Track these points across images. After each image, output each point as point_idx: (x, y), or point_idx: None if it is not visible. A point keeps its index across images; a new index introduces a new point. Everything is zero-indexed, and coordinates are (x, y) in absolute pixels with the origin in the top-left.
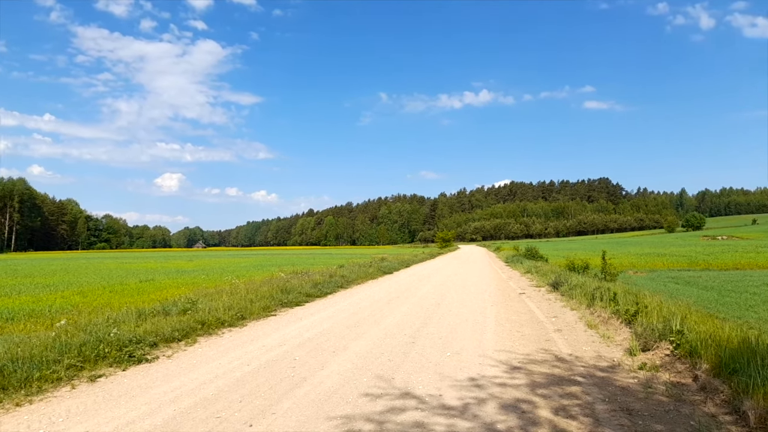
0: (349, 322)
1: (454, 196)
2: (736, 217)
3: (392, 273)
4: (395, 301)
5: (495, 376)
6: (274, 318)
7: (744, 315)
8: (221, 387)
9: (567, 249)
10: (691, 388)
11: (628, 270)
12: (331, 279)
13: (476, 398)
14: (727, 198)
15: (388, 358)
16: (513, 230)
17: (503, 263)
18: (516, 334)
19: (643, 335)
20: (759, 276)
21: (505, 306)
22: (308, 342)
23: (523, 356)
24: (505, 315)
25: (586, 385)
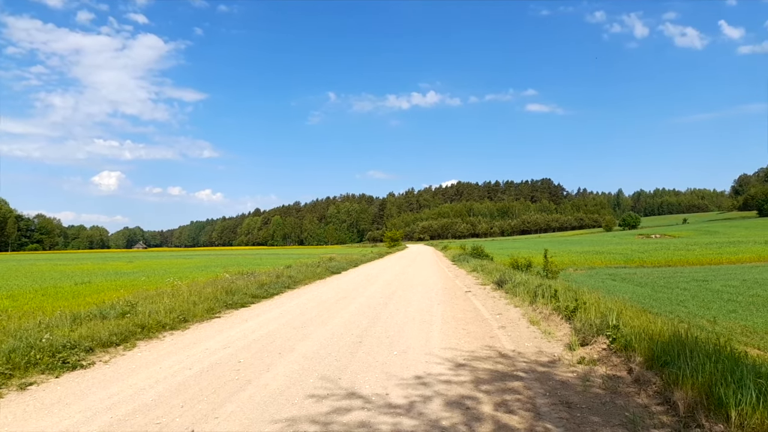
0: (295, 322)
1: (403, 196)
2: (668, 217)
3: (340, 273)
4: (343, 300)
5: (440, 374)
6: (219, 320)
7: (675, 310)
8: (161, 392)
9: (511, 248)
10: (625, 380)
11: (568, 268)
12: (278, 279)
13: (422, 396)
14: (660, 198)
15: (335, 358)
16: (460, 229)
17: (450, 262)
18: (462, 332)
19: (582, 330)
20: (689, 272)
21: (452, 304)
22: (254, 344)
23: (468, 353)
24: (451, 313)
25: (528, 380)
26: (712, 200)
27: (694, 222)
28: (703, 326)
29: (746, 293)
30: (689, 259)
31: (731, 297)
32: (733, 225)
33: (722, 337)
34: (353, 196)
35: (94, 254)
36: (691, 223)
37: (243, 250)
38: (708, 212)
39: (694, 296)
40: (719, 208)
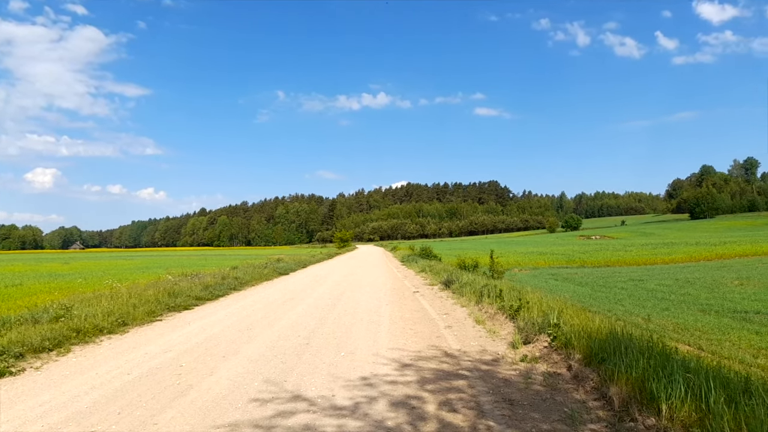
0: (241, 325)
1: (353, 197)
2: (607, 219)
3: (288, 274)
4: (291, 302)
5: (387, 374)
6: (160, 323)
7: (613, 308)
8: (97, 399)
9: (459, 248)
10: (565, 377)
11: (513, 268)
12: (224, 281)
13: (367, 397)
14: (600, 201)
15: (281, 360)
16: (409, 230)
17: (399, 263)
18: (409, 332)
19: (525, 329)
20: (626, 272)
21: (400, 304)
22: (197, 347)
23: (415, 353)
24: (399, 313)
25: (472, 378)
26: (648, 203)
27: (631, 224)
28: (638, 324)
29: (678, 292)
30: (626, 260)
31: (664, 296)
32: (667, 227)
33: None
34: (303, 197)
35: (27, 255)
36: (629, 225)
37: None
38: (644, 215)
39: (630, 295)
40: (655, 210)
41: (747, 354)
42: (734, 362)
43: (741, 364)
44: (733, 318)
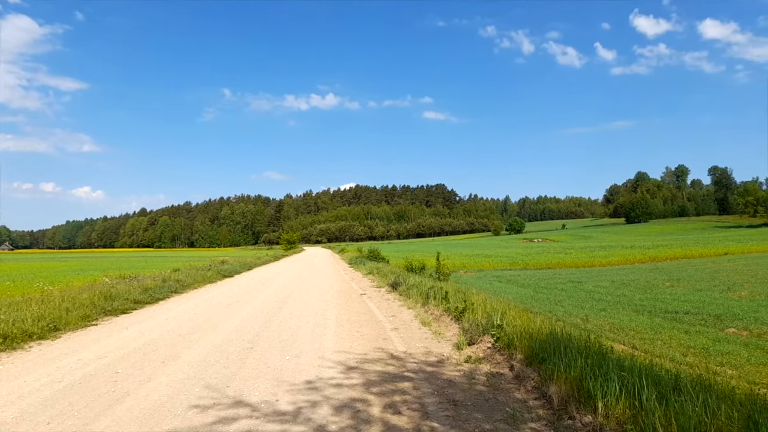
0: (182, 329)
1: (300, 198)
2: (549, 222)
3: (233, 276)
4: (235, 305)
5: (332, 378)
6: (96, 328)
7: (553, 309)
8: (25, 408)
9: (407, 250)
10: (507, 377)
11: (459, 270)
12: (165, 284)
13: (311, 401)
14: (543, 205)
15: (223, 365)
16: (357, 232)
17: (347, 265)
18: (355, 335)
19: (470, 330)
20: (566, 274)
21: (347, 307)
22: (134, 352)
23: (361, 356)
24: (345, 316)
25: (417, 380)
26: (587, 207)
27: (571, 227)
28: (577, 324)
29: (614, 293)
30: (567, 262)
31: (601, 297)
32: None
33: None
34: (249, 197)
35: None
36: (569, 228)
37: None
38: (584, 218)
39: (570, 296)
40: (593, 215)
41: (677, 352)
42: (665, 360)
43: (672, 362)
44: (665, 318)
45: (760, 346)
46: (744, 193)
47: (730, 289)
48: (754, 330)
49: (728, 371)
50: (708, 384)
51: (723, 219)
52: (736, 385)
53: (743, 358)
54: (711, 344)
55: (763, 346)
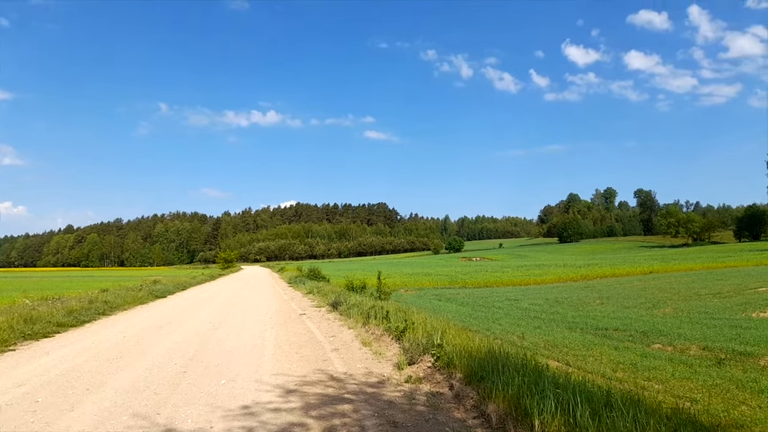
0: (110, 353)
1: (239, 216)
2: (487, 241)
3: (166, 297)
4: (167, 327)
5: (269, 402)
6: (13, 354)
7: (491, 327)
8: None
9: (348, 269)
10: (447, 396)
11: (400, 289)
12: (92, 305)
13: (247, 427)
14: (481, 225)
15: (154, 391)
16: (298, 251)
17: (286, 284)
18: (294, 356)
19: (410, 350)
20: (503, 292)
21: (286, 328)
22: (56, 380)
23: (300, 378)
24: (285, 337)
25: (357, 402)
26: (523, 227)
27: (508, 247)
28: (514, 341)
29: (548, 311)
30: (503, 280)
31: (537, 314)
32: (539, 250)
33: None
34: (184, 215)
35: None
36: (506, 247)
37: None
38: (520, 238)
39: (507, 314)
40: (528, 234)
41: (608, 368)
42: (597, 376)
43: (603, 378)
44: (596, 335)
45: (683, 361)
46: (666, 214)
47: (655, 306)
48: (677, 345)
49: (655, 386)
50: (637, 399)
51: (648, 239)
52: (662, 400)
53: (668, 373)
54: (639, 360)
55: (686, 361)
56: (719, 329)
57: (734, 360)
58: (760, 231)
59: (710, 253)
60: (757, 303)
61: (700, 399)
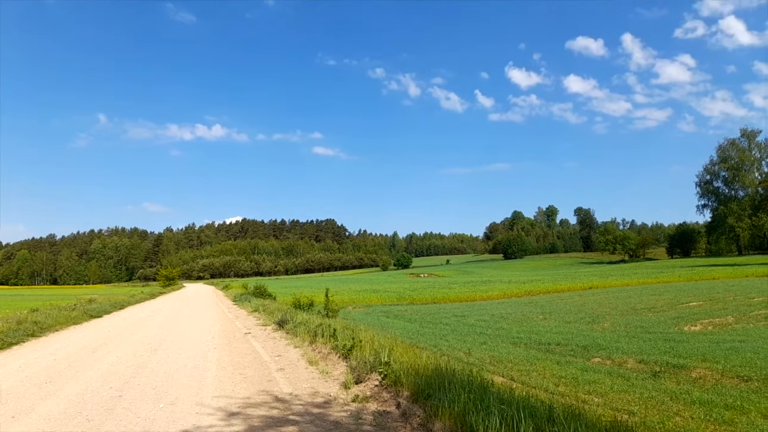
0: (39, 377)
1: (182, 232)
2: (435, 258)
3: (102, 316)
4: (103, 348)
5: (211, 426)
6: None
7: (438, 343)
8: None
9: (295, 286)
10: (394, 415)
11: (348, 306)
12: (20, 326)
13: None
14: (429, 241)
15: (86, 417)
16: (243, 268)
17: (231, 302)
18: (238, 377)
19: (357, 368)
20: (450, 308)
21: (229, 347)
22: None
23: (243, 400)
24: (228, 357)
25: (303, 423)
26: (469, 244)
27: (455, 263)
28: (461, 358)
29: (494, 326)
30: (450, 297)
31: (482, 330)
32: (485, 266)
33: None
34: (124, 230)
35: None
36: (453, 263)
37: None
38: (466, 254)
39: (453, 330)
40: (475, 250)
41: (550, 383)
42: (540, 391)
43: (546, 393)
44: (539, 350)
45: (621, 374)
46: (604, 232)
47: (594, 321)
48: (616, 359)
49: (595, 399)
50: (578, 413)
51: (587, 255)
52: (602, 413)
53: (607, 386)
54: (580, 374)
55: (624, 374)
56: (654, 343)
57: (668, 372)
58: (690, 248)
59: (645, 269)
60: (689, 317)
61: (638, 411)
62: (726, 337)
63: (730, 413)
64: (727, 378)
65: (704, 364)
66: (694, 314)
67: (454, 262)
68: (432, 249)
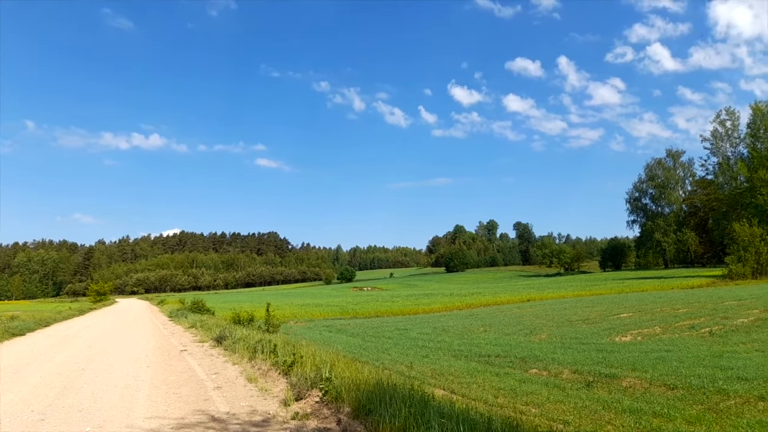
0: None
1: (115, 245)
2: (378, 271)
3: (25, 334)
4: (25, 369)
5: None
6: None
7: (381, 357)
8: None
9: (235, 301)
10: (334, 431)
11: (290, 320)
12: None
13: None
14: (372, 254)
15: None
16: (181, 282)
17: (166, 318)
18: (172, 397)
19: (298, 385)
20: (393, 322)
21: (164, 366)
22: None
23: (177, 421)
24: (162, 376)
25: None
26: (412, 257)
27: (399, 276)
28: (402, 371)
29: (435, 339)
30: (393, 310)
31: (425, 343)
32: (427, 279)
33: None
34: (51, 243)
35: None
36: (397, 277)
37: None
38: (410, 267)
39: (396, 344)
40: (418, 264)
41: (489, 394)
42: (480, 403)
43: (485, 404)
44: (479, 362)
45: (557, 384)
46: (542, 246)
47: (532, 332)
48: (552, 370)
49: (532, 410)
50: (516, 424)
51: (526, 269)
52: (538, 423)
53: (544, 397)
54: (518, 385)
55: (560, 385)
56: (588, 353)
57: (601, 382)
58: (621, 261)
59: (579, 281)
60: (620, 328)
61: (572, 420)
62: (654, 347)
63: (658, 420)
64: (654, 386)
65: (634, 373)
66: (625, 325)
67: (398, 276)
68: (376, 262)
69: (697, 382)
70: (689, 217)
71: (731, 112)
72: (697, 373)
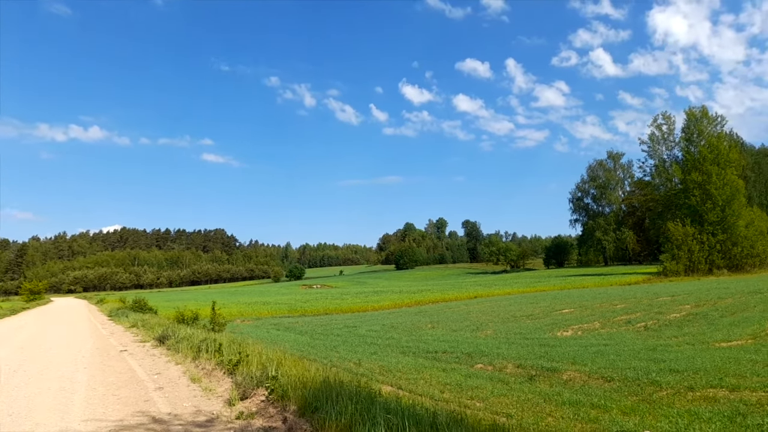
0: None
1: (51, 241)
2: (328, 269)
3: None
4: None
5: None
6: None
7: (329, 355)
8: None
9: (179, 299)
10: (279, 430)
11: (236, 319)
12: None
13: None
14: (322, 252)
15: None
16: (121, 280)
17: (106, 318)
18: (111, 399)
19: (243, 384)
20: (342, 319)
21: (102, 367)
22: None
23: (116, 423)
24: (100, 377)
25: None
26: (363, 255)
27: (348, 274)
28: (351, 368)
29: (384, 336)
30: (343, 308)
31: (373, 340)
32: (377, 276)
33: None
34: None
35: None
36: (347, 274)
37: None
38: (360, 265)
39: (345, 341)
40: (368, 261)
41: (436, 390)
42: (426, 398)
43: (431, 400)
44: (426, 358)
45: (501, 379)
46: (489, 244)
47: (478, 328)
48: (496, 365)
49: (477, 404)
50: (460, 418)
51: (474, 266)
52: (482, 417)
53: (488, 391)
54: (463, 380)
55: (504, 379)
56: (531, 348)
57: (543, 376)
58: (564, 259)
59: (525, 278)
60: (562, 323)
61: (515, 413)
62: (593, 341)
63: (596, 412)
64: (593, 379)
65: (574, 366)
66: (567, 320)
67: (348, 273)
68: (326, 260)
69: (632, 375)
70: (628, 216)
71: (667, 116)
72: (632, 365)
